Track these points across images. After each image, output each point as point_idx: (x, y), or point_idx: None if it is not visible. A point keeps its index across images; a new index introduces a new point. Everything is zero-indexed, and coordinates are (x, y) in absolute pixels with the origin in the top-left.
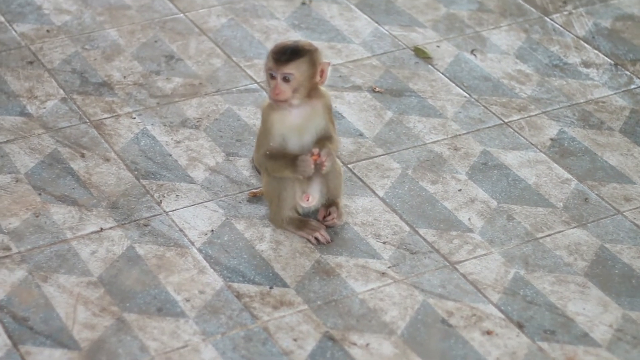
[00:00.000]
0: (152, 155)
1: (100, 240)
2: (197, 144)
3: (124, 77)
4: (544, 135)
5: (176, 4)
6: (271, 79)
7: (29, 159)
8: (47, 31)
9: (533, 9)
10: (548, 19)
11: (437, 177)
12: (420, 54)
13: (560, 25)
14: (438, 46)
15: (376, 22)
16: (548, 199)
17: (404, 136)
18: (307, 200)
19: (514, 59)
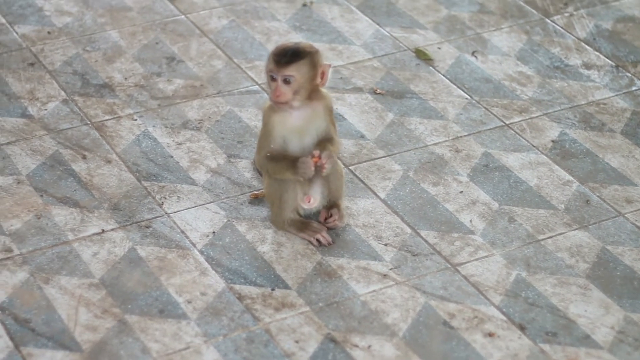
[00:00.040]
0: (153, 156)
1: (102, 242)
2: (198, 145)
3: (125, 78)
4: (545, 137)
5: (177, 5)
6: (272, 81)
7: (30, 160)
8: (48, 33)
9: (534, 11)
10: (549, 21)
11: (439, 179)
12: (422, 55)
13: (561, 27)
14: (439, 48)
15: (377, 24)
16: (549, 200)
17: (405, 138)
18: (309, 202)
19: (515, 60)
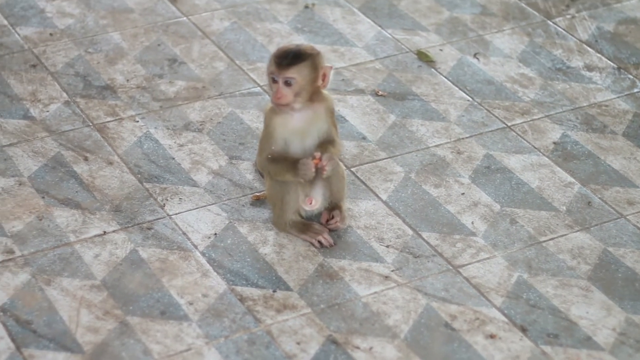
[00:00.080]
0: (155, 158)
1: (104, 244)
2: (200, 147)
3: (127, 80)
4: (547, 139)
5: (179, 7)
6: (273, 83)
7: (32, 162)
8: (50, 34)
9: (536, 13)
10: (551, 23)
11: (440, 181)
12: (423, 57)
13: (563, 29)
14: (441, 50)
15: (379, 26)
16: (551, 202)
17: (407, 140)
18: (310, 204)
19: (517, 62)
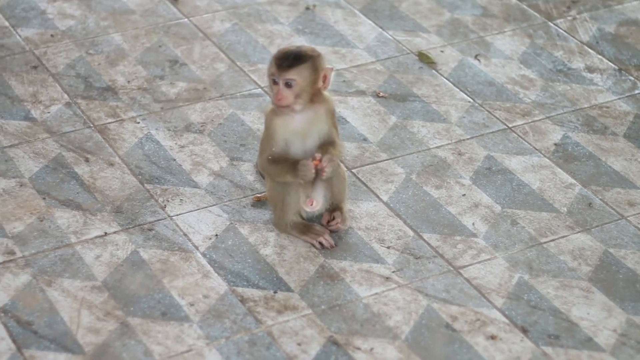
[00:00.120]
0: (156, 159)
1: (105, 245)
2: (201, 148)
3: (128, 81)
4: (548, 140)
5: (180, 8)
6: (274, 85)
7: (33, 163)
8: (52, 36)
9: (537, 14)
10: (552, 24)
11: (441, 182)
12: (424, 59)
13: (564, 31)
14: (442, 51)
15: (380, 27)
16: (552, 203)
17: (408, 141)
18: (311, 205)
19: (517, 64)
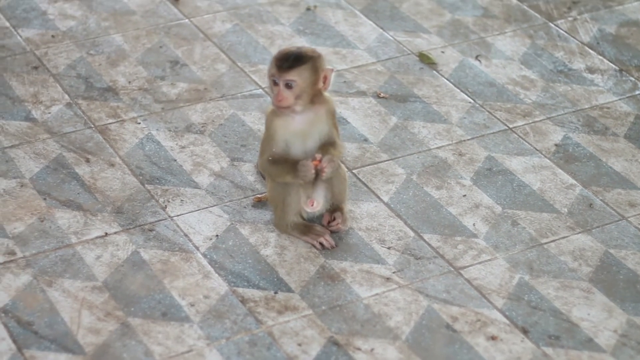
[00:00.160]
0: (157, 160)
1: (105, 245)
2: (201, 149)
3: (129, 82)
4: (548, 141)
5: (181, 9)
6: (274, 86)
7: (33, 163)
8: (52, 36)
9: (538, 15)
10: (553, 25)
11: (442, 183)
12: (425, 59)
13: (564, 31)
14: (443, 52)
15: (381, 28)
16: (553, 204)
17: (409, 142)
18: (312, 206)
19: (518, 64)
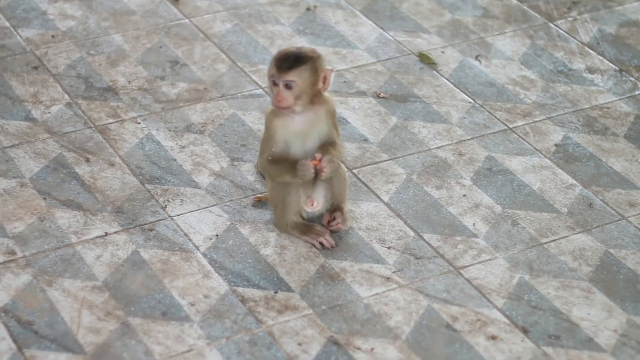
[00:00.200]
0: (156, 160)
1: (105, 245)
2: (201, 149)
3: (129, 82)
4: (548, 141)
5: (181, 9)
6: (274, 86)
7: (33, 163)
8: (52, 36)
9: (538, 15)
10: (553, 25)
11: (442, 183)
12: (425, 59)
13: (564, 31)
14: (443, 52)
15: (381, 28)
16: (553, 204)
17: (409, 141)
18: (312, 205)
19: (518, 64)
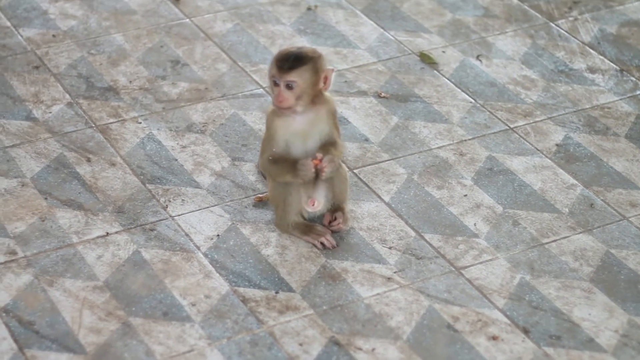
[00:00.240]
0: (157, 159)
1: (106, 245)
2: (202, 148)
3: (130, 81)
4: (549, 141)
5: (182, 9)
6: (275, 86)
7: (35, 163)
8: (53, 36)
9: (538, 15)
10: (553, 25)
11: (443, 183)
12: (426, 59)
13: (565, 31)
14: (444, 52)
15: (382, 28)
16: (554, 204)
17: (410, 141)
18: (313, 205)
19: (519, 64)
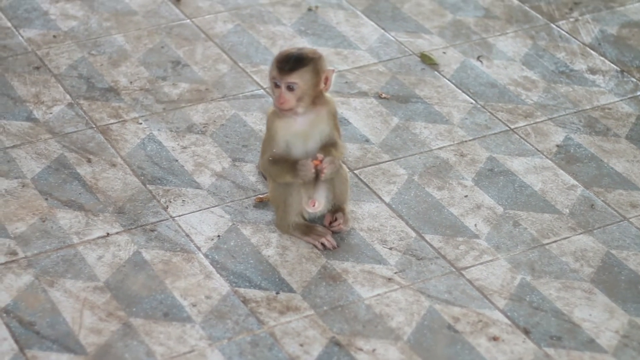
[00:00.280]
0: (158, 160)
1: (107, 245)
2: (203, 149)
3: (131, 82)
4: (550, 142)
5: (183, 9)
6: (275, 88)
7: (35, 164)
8: (54, 37)
9: (539, 16)
10: (554, 26)
11: (443, 183)
12: (427, 60)
13: (566, 32)
14: (444, 52)
15: (382, 29)
16: (554, 205)
17: (410, 142)
18: (313, 206)
19: (520, 65)
